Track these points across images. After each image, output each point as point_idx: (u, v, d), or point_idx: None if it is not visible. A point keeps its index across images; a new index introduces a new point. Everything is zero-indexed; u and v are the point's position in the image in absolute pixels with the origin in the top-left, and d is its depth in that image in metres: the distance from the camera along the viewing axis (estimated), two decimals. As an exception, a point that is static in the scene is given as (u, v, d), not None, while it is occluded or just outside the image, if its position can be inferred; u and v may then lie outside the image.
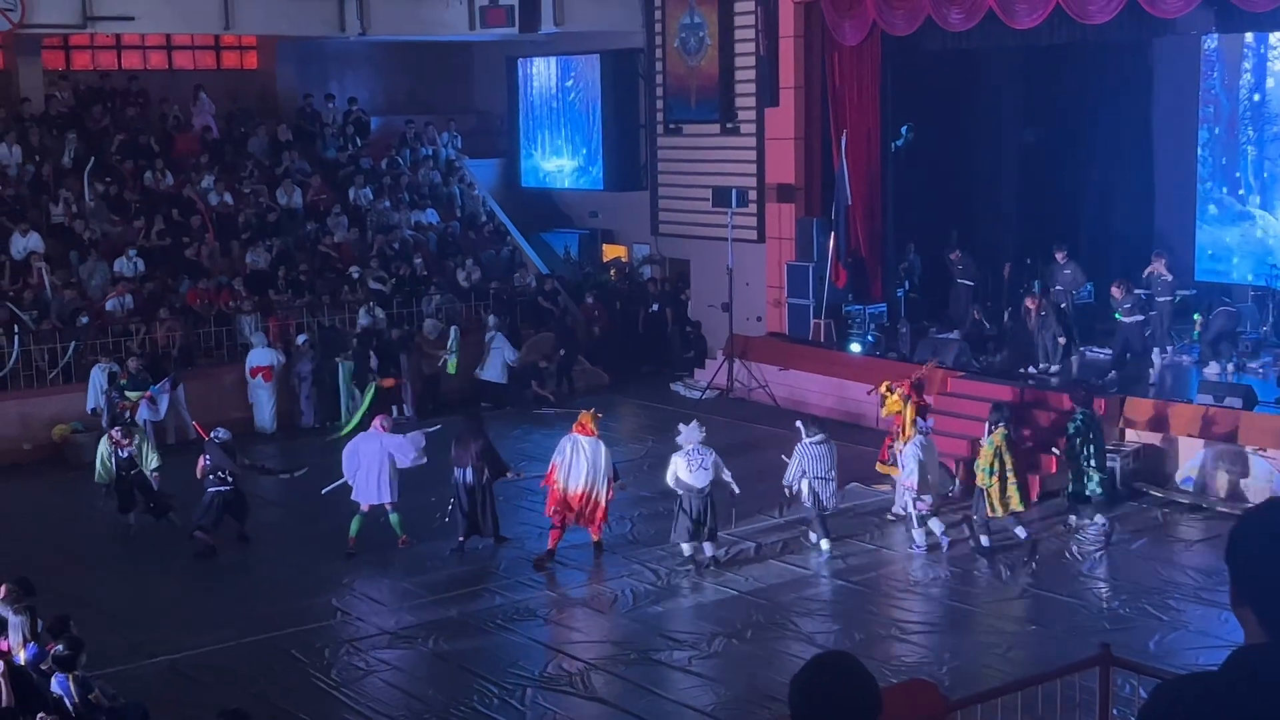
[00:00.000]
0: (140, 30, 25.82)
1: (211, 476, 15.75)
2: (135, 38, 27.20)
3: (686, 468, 14.80)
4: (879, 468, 17.04)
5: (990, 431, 15.23)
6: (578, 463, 15.08)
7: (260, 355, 21.80)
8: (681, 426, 15.21)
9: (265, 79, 28.84)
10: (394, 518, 15.87)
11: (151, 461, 16.60)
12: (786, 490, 15.55)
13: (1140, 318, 19.23)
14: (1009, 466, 15.04)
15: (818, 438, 15.29)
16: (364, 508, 15.72)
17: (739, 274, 23.67)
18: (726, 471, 14.95)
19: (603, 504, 15.24)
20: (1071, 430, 16.05)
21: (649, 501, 17.52)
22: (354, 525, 15.72)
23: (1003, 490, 15.04)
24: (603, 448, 15.25)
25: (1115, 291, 19.30)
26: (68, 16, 23.54)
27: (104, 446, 16.75)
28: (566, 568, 15.45)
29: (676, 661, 12.69)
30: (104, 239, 23.42)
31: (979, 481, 15.22)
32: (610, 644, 13.16)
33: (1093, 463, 15.88)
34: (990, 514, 15.17)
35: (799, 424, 15.61)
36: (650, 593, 14.45)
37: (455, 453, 15.62)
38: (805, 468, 15.23)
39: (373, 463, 15.56)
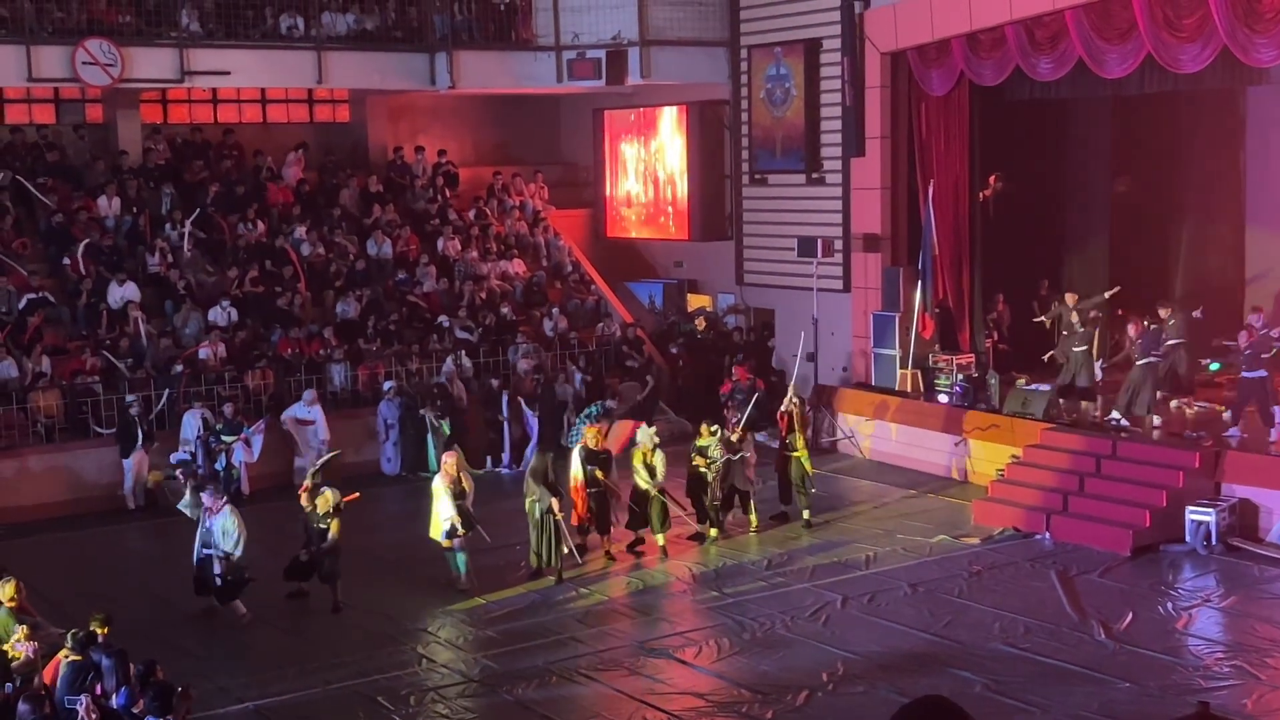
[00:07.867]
0: (235, 84, 26.34)
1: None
2: (231, 92, 27.76)
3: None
4: None
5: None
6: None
7: (300, 412, 21.73)
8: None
9: (357, 132, 29.29)
10: (461, 556, 16.34)
11: (232, 543, 15.24)
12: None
13: (1263, 373, 18.66)
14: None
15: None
16: (445, 543, 16.38)
17: (824, 324, 23.60)
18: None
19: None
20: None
21: (737, 554, 17.50)
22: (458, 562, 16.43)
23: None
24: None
25: (1241, 339, 18.78)
26: (166, 71, 24.08)
27: (188, 500, 15.99)
28: (650, 617, 15.42)
29: (761, 715, 12.58)
30: (198, 288, 23.87)
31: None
32: (695, 695, 13.06)
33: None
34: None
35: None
36: (735, 644, 14.37)
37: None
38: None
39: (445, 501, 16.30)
